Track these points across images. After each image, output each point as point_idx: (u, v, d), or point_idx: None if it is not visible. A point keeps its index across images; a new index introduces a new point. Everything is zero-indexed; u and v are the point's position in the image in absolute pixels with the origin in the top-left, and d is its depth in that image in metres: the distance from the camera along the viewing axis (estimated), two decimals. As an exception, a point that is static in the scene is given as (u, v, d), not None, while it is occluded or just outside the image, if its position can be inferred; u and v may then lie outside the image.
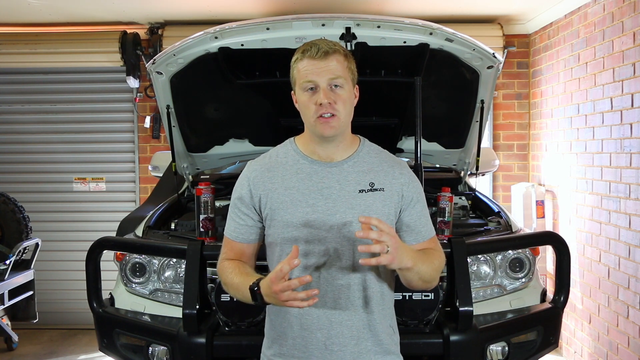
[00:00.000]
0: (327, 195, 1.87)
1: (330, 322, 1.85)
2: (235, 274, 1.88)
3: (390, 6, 4.90)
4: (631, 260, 3.80)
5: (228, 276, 1.90)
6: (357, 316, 1.86)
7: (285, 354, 1.90)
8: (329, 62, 1.82)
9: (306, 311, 1.83)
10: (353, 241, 1.83)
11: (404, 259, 1.70)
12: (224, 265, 1.96)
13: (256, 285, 1.76)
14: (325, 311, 1.85)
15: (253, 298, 1.77)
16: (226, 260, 1.97)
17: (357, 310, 1.87)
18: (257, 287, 1.76)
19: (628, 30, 3.81)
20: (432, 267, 1.86)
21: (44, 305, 5.50)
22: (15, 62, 5.53)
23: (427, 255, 1.87)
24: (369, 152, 1.97)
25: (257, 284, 1.76)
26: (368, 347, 1.88)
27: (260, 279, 1.78)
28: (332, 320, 1.85)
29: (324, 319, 1.85)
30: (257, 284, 1.76)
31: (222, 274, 1.95)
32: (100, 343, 2.78)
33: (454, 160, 3.79)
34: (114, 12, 5.11)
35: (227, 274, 1.91)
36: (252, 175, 1.94)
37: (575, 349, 4.72)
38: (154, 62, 2.98)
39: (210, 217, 2.92)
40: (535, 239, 3.03)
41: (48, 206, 5.90)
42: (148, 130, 5.80)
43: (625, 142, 3.84)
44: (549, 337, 2.75)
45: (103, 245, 2.77)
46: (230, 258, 1.97)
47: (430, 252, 1.91)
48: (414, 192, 1.93)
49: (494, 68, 3.04)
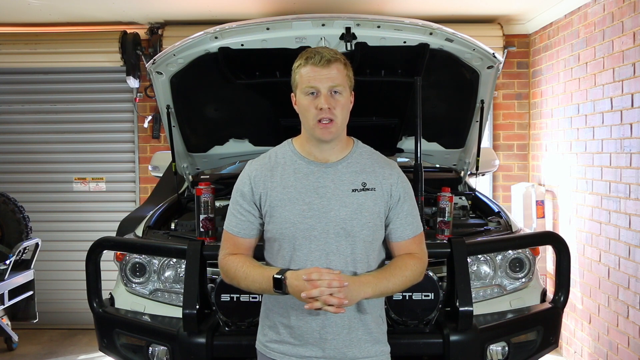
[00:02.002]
0: (323, 194, 2.00)
1: (324, 312, 1.95)
2: (249, 266, 2.00)
3: (390, 6, 4.90)
4: (631, 260, 3.80)
5: (240, 269, 2.01)
6: (349, 307, 1.95)
7: (281, 341, 2.03)
8: (330, 70, 1.96)
9: (302, 303, 1.91)
10: (346, 237, 1.98)
11: (359, 296, 1.91)
12: (230, 260, 2.05)
13: (282, 274, 1.90)
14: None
15: (276, 286, 1.90)
16: (231, 255, 2.06)
17: None
18: (283, 278, 1.89)
19: (628, 30, 3.81)
20: (401, 279, 2.00)
21: (44, 305, 5.50)
22: (15, 62, 5.53)
23: (397, 270, 2.01)
24: (362, 154, 2.10)
25: (283, 273, 1.91)
26: (359, 335, 2.02)
27: (284, 269, 1.93)
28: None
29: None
30: (283, 274, 1.90)
31: (230, 268, 2.04)
32: (100, 343, 2.78)
33: (454, 160, 3.79)
34: (114, 12, 5.11)
35: (239, 267, 2.01)
36: (253, 173, 2.06)
37: (575, 349, 4.72)
38: (154, 62, 2.98)
39: (210, 217, 2.92)
40: (535, 239, 3.03)
41: (48, 206, 5.90)
42: (148, 130, 5.80)
43: (625, 142, 3.84)
44: (549, 337, 2.75)
45: (103, 245, 2.77)
46: (233, 253, 2.06)
47: (402, 265, 2.03)
48: (401, 191, 2.07)
49: (494, 68, 3.04)
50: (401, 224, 2.06)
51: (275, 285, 1.91)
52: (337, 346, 1.99)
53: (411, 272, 2.02)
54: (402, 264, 2.03)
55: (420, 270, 2.07)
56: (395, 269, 2.01)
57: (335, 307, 1.84)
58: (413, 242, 2.08)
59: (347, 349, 2.00)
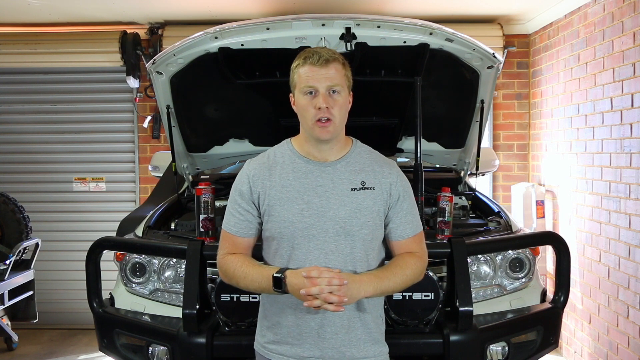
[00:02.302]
0: (321, 193, 2.00)
1: (323, 312, 1.95)
2: (248, 265, 2.00)
3: (390, 6, 4.90)
4: (631, 260, 3.80)
5: (239, 268, 2.00)
6: (349, 306, 1.95)
7: (280, 341, 2.03)
8: (328, 69, 1.96)
9: (301, 302, 1.91)
10: (345, 236, 1.98)
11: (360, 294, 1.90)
12: (229, 259, 2.04)
13: (282, 273, 1.90)
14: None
15: (276, 285, 1.90)
16: (229, 254, 2.06)
17: None
18: (283, 277, 1.89)
19: (628, 30, 3.81)
20: (402, 278, 2.00)
21: (44, 305, 5.50)
22: (15, 62, 5.53)
23: (397, 268, 2.01)
24: (361, 153, 2.10)
25: (282, 272, 1.91)
26: (358, 335, 2.01)
27: (283, 268, 1.93)
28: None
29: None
30: (282, 272, 1.90)
31: (228, 268, 2.03)
32: (100, 343, 2.78)
33: (454, 160, 3.79)
34: (114, 12, 5.11)
35: (237, 267, 2.01)
36: (252, 173, 2.06)
37: (575, 349, 4.72)
38: (154, 62, 2.99)
39: (210, 217, 2.92)
40: (535, 239, 3.03)
41: (48, 206, 5.90)
42: (148, 130, 5.80)
43: (625, 142, 3.84)
44: (549, 337, 2.74)
45: (103, 245, 2.77)
46: (232, 252, 2.06)
47: (402, 263, 2.02)
48: (400, 190, 2.06)
49: (494, 68, 3.04)
50: (401, 223, 2.05)
51: (275, 284, 1.90)
52: (335, 345, 1.98)
53: (412, 270, 2.02)
54: (402, 262, 2.02)
55: (420, 269, 2.06)
56: (396, 268, 2.01)
57: (335, 306, 1.84)
58: (413, 241, 2.08)
59: (346, 349, 1.99)
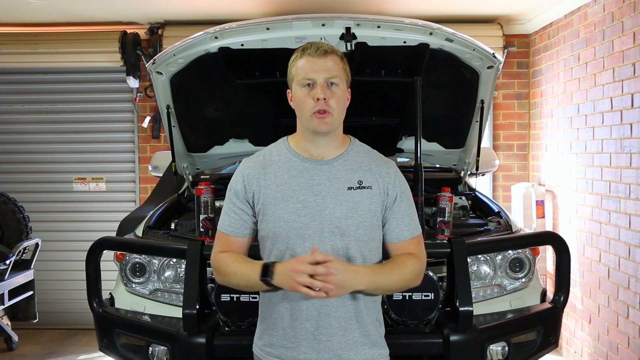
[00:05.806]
0: (317, 191, 1.96)
1: (318, 313, 1.93)
2: (238, 262, 1.97)
3: (390, 6, 4.91)
4: (631, 260, 3.80)
5: (230, 266, 1.97)
6: (345, 308, 1.94)
7: (275, 344, 1.99)
8: (326, 61, 1.93)
9: (296, 302, 1.92)
10: (341, 236, 1.94)
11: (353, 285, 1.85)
12: (221, 257, 2.02)
13: (271, 264, 1.88)
14: (314, 302, 1.93)
15: (264, 275, 1.86)
16: (222, 253, 2.03)
17: (345, 302, 1.95)
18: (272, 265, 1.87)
19: (628, 30, 3.81)
20: (399, 277, 1.96)
21: (44, 305, 5.51)
22: (15, 62, 5.53)
23: (395, 266, 1.97)
24: (359, 152, 2.06)
25: (272, 263, 1.88)
26: (355, 338, 1.97)
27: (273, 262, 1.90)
28: (320, 311, 1.94)
29: (313, 310, 1.94)
30: (272, 263, 1.88)
31: (220, 266, 2.00)
32: (100, 343, 2.78)
33: (454, 160, 3.79)
34: (114, 12, 5.11)
35: (228, 264, 1.98)
36: (247, 171, 2.03)
37: (575, 349, 4.72)
38: (154, 62, 2.99)
39: (210, 217, 2.92)
40: (535, 239, 3.03)
41: (48, 206, 5.90)
42: (148, 130, 5.80)
43: (625, 142, 3.84)
44: (549, 337, 2.74)
45: (103, 245, 2.77)
46: (224, 251, 2.03)
47: (400, 262, 1.98)
48: (398, 191, 2.02)
49: (494, 68, 3.05)
50: (398, 225, 2.01)
51: (263, 273, 1.86)
52: (332, 348, 1.94)
53: (409, 270, 1.97)
54: (400, 262, 1.98)
55: (419, 271, 2.01)
56: (394, 266, 1.97)
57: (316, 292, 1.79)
58: (411, 243, 2.02)
59: (343, 352, 1.94)
